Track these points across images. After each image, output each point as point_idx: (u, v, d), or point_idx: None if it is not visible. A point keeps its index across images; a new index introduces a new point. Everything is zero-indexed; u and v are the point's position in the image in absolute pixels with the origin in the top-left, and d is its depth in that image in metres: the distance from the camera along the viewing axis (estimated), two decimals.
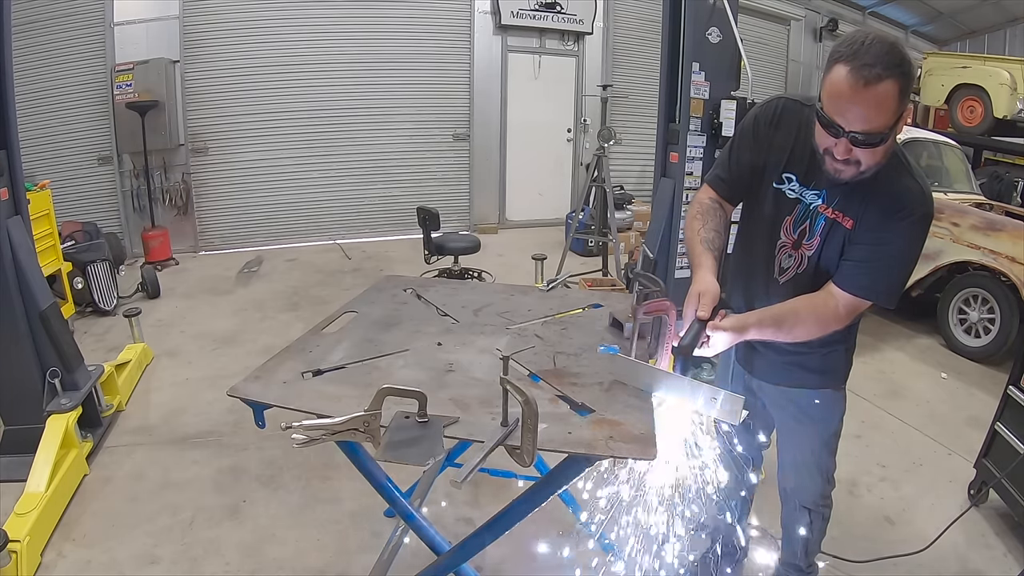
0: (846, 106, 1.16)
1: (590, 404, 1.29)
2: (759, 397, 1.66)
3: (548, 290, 2.07)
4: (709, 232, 1.47)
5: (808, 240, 1.40)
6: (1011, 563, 2.10)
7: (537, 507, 1.32)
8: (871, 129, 1.16)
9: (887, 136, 1.19)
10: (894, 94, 1.13)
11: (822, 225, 1.37)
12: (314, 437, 1.09)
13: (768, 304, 1.41)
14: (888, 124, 1.17)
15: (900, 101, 1.15)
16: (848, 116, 1.17)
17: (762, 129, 1.44)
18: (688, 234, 1.51)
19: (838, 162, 1.24)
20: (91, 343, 3.72)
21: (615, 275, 4.77)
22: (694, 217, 1.53)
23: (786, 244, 1.44)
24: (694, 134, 3.11)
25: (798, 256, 1.43)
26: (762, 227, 1.48)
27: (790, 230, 1.42)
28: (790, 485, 1.69)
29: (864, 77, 1.11)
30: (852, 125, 1.17)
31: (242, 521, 2.20)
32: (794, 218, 1.41)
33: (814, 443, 1.60)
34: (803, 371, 1.53)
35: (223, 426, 2.79)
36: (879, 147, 1.20)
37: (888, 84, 1.12)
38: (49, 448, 2.24)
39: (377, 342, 1.60)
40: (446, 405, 1.26)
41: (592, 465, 1.20)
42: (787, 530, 1.77)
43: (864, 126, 1.16)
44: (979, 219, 3.91)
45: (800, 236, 1.41)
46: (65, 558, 2.00)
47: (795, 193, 1.40)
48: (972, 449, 2.47)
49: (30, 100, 4.93)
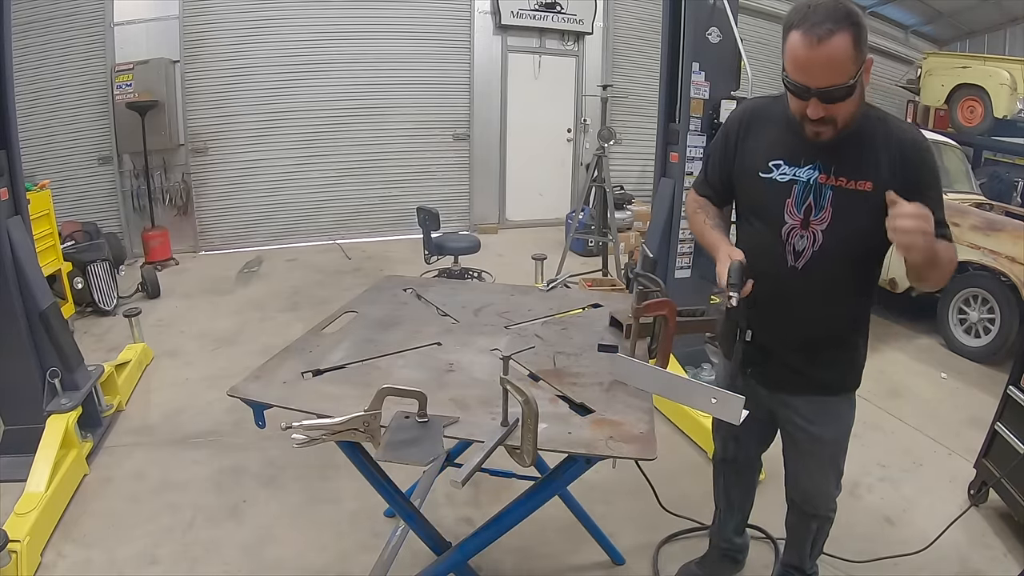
0: (807, 67, 1.23)
1: (590, 404, 1.29)
2: (765, 409, 1.59)
3: (548, 290, 2.07)
4: (714, 220, 1.55)
5: (817, 215, 1.37)
6: (1011, 563, 2.10)
7: (537, 507, 1.33)
8: (836, 83, 1.22)
9: (853, 87, 1.24)
10: (848, 44, 1.20)
11: (829, 196, 1.36)
12: (314, 437, 1.09)
13: (789, 297, 1.41)
14: (850, 74, 1.22)
15: (857, 50, 1.21)
16: (812, 75, 1.23)
17: (731, 140, 1.51)
18: (695, 227, 1.59)
19: (815, 123, 1.29)
20: (91, 343, 3.72)
21: (615, 275, 4.77)
22: (695, 212, 1.60)
23: (794, 226, 1.40)
24: (694, 134, 3.11)
25: (810, 234, 1.38)
26: (764, 219, 1.45)
27: (794, 211, 1.39)
28: (800, 495, 1.65)
29: (817, 35, 1.19)
30: (817, 82, 1.23)
31: (242, 521, 2.20)
32: (794, 199, 1.39)
33: (832, 448, 1.58)
34: (828, 375, 1.50)
35: (223, 426, 2.79)
36: (848, 99, 1.25)
37: (840, 37, 1.19)
38: (49, 448, 2.24)
39: (377, 342, 1.60)
40: (446, 405, 1.26)
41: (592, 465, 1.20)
42: (793, 534, 1.76)
43: (828, 81, 1.22)
44: (979, 219, 3.91)
45: (807, 214, 1.38)
46: (65, 558, 2.00)
47: (788, 176, 1.40)
48: (972, 449, 2.47)
49: (30, 100, 4.92)
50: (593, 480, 2.31)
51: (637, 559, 2.04)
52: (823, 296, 1.41)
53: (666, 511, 2.15)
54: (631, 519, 2.21)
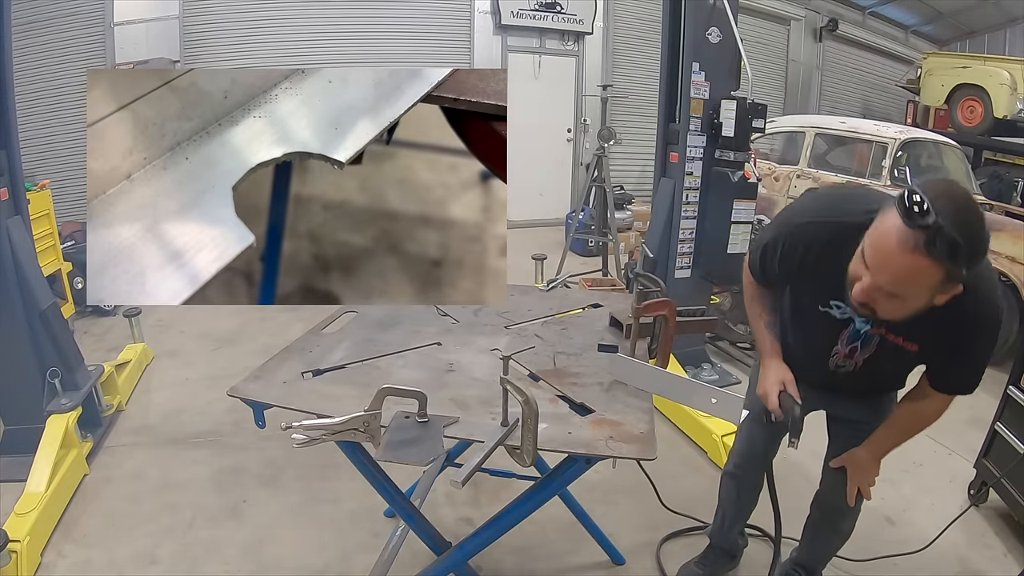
0: (882, 262, 1.07)
1: (590, 404, 1.29)
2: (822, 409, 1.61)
3: (548, 290, 2.07)
4: (769, 314, 1.51)
5: (862, 351, 1.38)
6: (1011, 563, 2.10)
7: (537, 507, 1.33)
8: (902, 296, 1.08)
9: (916, 307, 1.11)
10: (942, 276, 1.03)
11: (876, 341, 1.34)
12: (314, 437, 1.09)
13: (825, 388, 1.50)
14: (923, 302, 1.09)
15: (948, 282, 1.05)
16: (881, 271, 1.07)
17: (795, 260, 1.34)
18: (751, 316, 1.56)
19: (857, 297, 1.14)
20: (91, 343, 3.72)
21: (615, 275, 4.76)
22: (752, 298, 1.54)
23: (838, 353, 1.41)
24: (694, 134, 3.11)
25: (852, 362, 1.41)
26: (811, 340, 1.45)
27: (843, 345, 1.39)
28: (841, 499, 1.58)
29: (921, 241, 0.99)
30: (882, 281, 1.08)
31: (242, 521, 2.20)
32: (847, 337, 1.37)
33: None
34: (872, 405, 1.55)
35: (223, 426, 2.79)
36: (901, 311, 1.12)
37: (944, 264, 1.00)
38: (49, 448, 2.24)
39: (377, 342, 1.60)
40: (446, 405, 1.26)
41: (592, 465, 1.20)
42: (816, 535, 1.74)
43: (895, 288, 1.07)
44: None
45: (852, 352, 1.39)
46: (65, 558, 2.00)
47: (846, 314, 1.34)
48: (972, 449, 2.47)
49: (30, 100, 4.93)
50: (593, 480, 2.31)
51: (637, 559, 2.05)
52: (867, 384, 1.48)
53: (668, 509, 2.15)
54: (631, 519, 2.21)
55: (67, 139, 5.37)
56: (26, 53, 4.86)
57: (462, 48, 6.55)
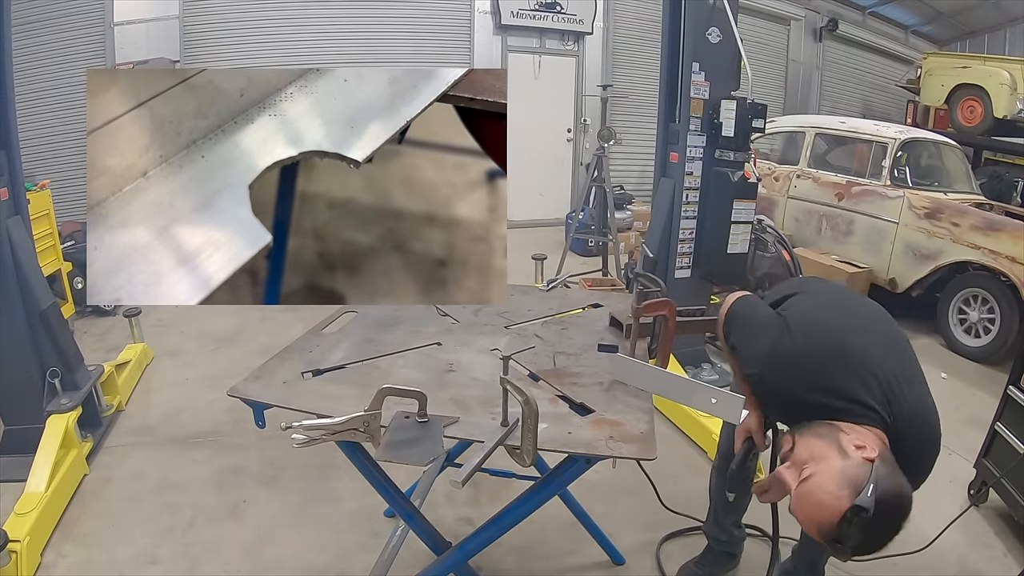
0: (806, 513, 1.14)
1: (590, 404, 1.29)
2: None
3: (548, 290, 2.07)
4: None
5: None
6: (1011, 563, 2.10)
7: (537, 507, 1.33)
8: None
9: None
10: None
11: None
12: (314, 437, 1.09)
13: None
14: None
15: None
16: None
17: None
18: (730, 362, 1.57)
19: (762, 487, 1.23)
20: (91, 343, 3.72)
21: (615, 275, 4.77)
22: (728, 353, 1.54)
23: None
24: (694, 134, 3.11)
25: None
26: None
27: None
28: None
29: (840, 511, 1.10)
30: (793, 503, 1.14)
31: (242, 521, 2.20)
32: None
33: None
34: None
35: (223, 426, 2.79)
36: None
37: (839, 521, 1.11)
38: (49, 448, 2.24)
39: (377, 342, 1.60)
40: (446, 405, 1.26)
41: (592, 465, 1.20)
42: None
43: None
44: (979, 219, 3.90)
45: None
46: (65, 558, 2.00)
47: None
48: (972, 449, 2.47)
49: (30, 100, 4.93)
50: (593, 480, 2.31)
51: (637, 559, 2.05)
52: None
53: (668, 509, 2.15)
54: (631, 519, 2.21)
55: (67, 139, 5.37)
56: (26, 53, 4.86)
57: (462, 48, 6.55)
